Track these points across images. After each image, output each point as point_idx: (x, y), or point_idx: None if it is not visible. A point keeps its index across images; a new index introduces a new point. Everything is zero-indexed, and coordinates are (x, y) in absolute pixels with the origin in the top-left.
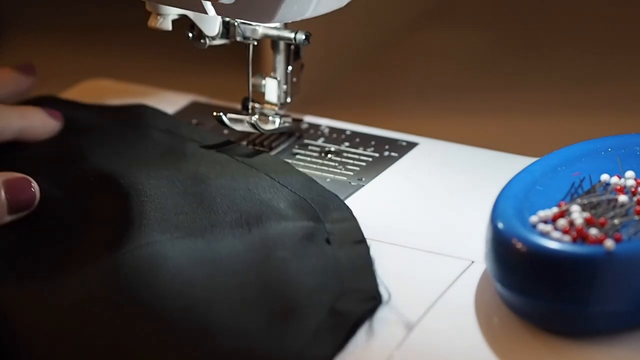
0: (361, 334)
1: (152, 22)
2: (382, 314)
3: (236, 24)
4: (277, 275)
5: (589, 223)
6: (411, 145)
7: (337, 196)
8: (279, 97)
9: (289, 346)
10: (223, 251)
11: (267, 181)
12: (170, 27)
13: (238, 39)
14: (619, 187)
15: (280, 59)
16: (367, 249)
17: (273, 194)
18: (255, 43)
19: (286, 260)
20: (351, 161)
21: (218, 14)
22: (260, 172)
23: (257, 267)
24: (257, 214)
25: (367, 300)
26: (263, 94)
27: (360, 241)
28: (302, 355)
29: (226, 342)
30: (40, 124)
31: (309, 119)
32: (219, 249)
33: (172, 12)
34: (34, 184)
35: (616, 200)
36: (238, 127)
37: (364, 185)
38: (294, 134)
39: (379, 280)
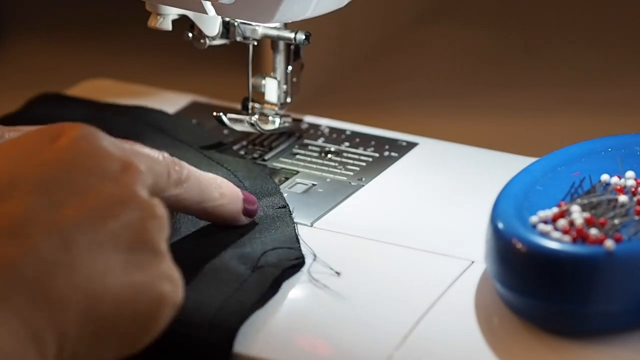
0: (359, 332)
1: (152, 22)
2: (312, 267)
3: (236, 24)
4: (203, 239)
5: (589, 223)
6: (411, 145)
7: (260, 167)
8: (279, 97)
9: (215, 296)
10: None
11: (191, 152)
12: (170, 27)
13: (238, 39)
14: (619, 187)
15: (280, 59)
16: (289, 213)
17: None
18: (255, 43)
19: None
20: (351, 161)
21: (218, 14)
22: (184, 144)
23: (180, 232)
24: None
25: (290, 258)
26: (263, 94)
27: (282, 206)
28: (227, 303)
29: None
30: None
31: (309, 119)
32: None
33: (172, 12)
34: None
35: (616, 200)
36: (238, 127)
37: (364, 185)
38: (294, 134)
39: (301, 241)
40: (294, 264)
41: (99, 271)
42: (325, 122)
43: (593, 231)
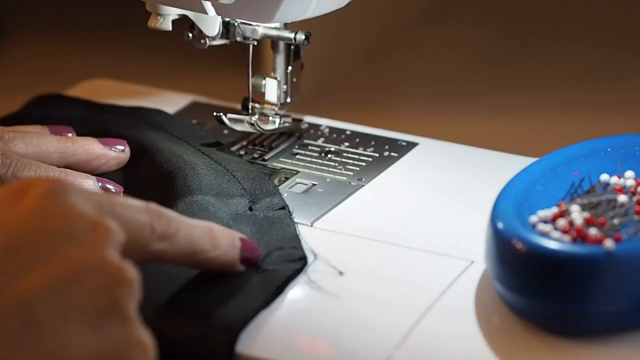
0: (359, 333)
1: (152, 22)
2: (312, 267)
3: (236, 24)
4: None
5: (588, 223)
6: (411, 145)
7: (259, 167)
8: (279, 97)
9: (219, 297)
10: None
11: (191, 151)
12: (170, 27)
13: (238, 39)
14: (618, 187)
15: (280, 59)
16: (290, 214)
17: (195, 159)
18: (255, 43)
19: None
20: (351, 161)
21: (218, 14)
22: (183, 144)
23: None
24: (180, 176)
25: (294, 260)
26: (263, 94)
27: (281, 208)
28: (231, 305)
29: (161, 296)
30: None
31: (309, 119)
32: None
33: (172, 12)
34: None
35: (616, 200)
36: (238, 127)
37: (364, 185)
38: (294, 134)
39: (303, 243)
40: (298, 267)
41: (62, 343)
42: (325, 122)
43: (593, 231)
